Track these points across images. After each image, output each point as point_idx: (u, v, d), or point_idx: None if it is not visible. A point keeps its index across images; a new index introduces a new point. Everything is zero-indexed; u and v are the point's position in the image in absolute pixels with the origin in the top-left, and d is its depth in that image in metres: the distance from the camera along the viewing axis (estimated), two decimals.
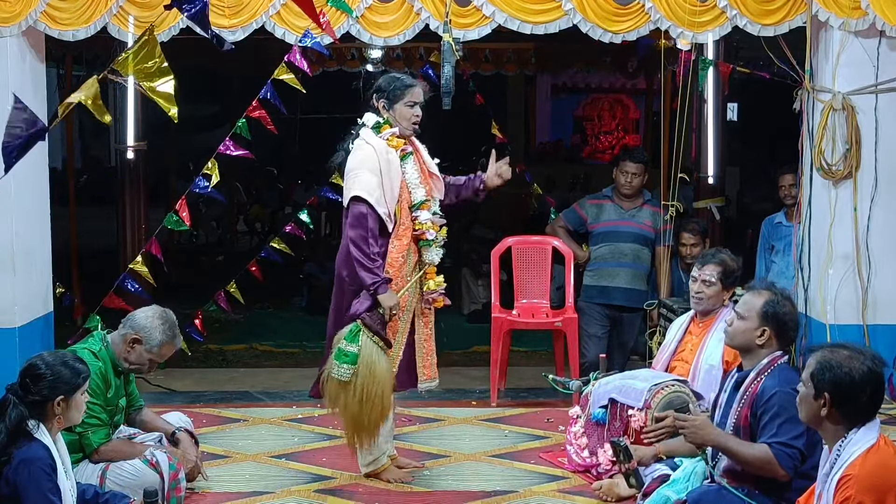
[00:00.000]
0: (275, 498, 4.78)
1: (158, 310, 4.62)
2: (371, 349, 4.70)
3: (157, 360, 4.58)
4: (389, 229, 4.79)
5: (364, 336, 4.71)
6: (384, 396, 4.71)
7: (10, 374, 4.10)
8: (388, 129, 4.90)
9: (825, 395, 3.15)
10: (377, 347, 4.72)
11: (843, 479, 3.06)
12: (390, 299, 4.71)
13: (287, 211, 14.33)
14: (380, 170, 4.75)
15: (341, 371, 4.68)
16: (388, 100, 4.92)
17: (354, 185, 4.76)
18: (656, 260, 6.79)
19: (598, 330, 6.76)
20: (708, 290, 5.07)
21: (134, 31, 6.04)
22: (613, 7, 6.00)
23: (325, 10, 5.97)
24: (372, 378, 4.67)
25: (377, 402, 4.68)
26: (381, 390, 4.69)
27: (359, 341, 4.69)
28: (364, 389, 4.67)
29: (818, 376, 3.16)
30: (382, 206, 4.74)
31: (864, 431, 3.12)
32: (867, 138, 6.05)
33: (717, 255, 5.18)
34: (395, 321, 4.82)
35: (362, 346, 4.69)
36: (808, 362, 3.23)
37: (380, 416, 4.73)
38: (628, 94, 18.02)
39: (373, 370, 4.68)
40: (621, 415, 4.88)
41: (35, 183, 6.33)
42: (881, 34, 5.96)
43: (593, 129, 18.59)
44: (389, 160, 4.81)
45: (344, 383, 4.69)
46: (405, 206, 4.86)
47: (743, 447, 3.85)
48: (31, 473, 3.63)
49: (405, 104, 4.90)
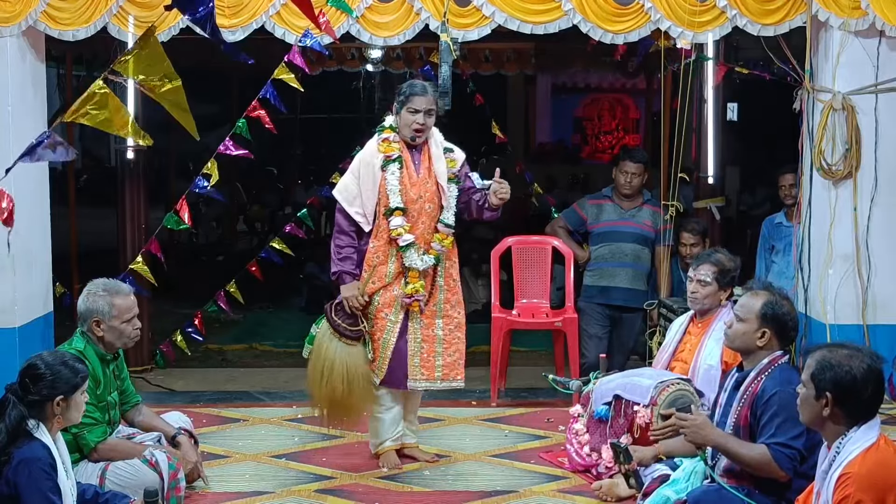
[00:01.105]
0: (275, 498, 4.78)
1: (86, 287, 4.61)
2: (326, 333, 5.05)
3: (129, 318, 4.54)
4: (365, 229, 5.03)
5: (324, 321, 5.08)
6: (352, 381, 4.98)
7: (10, 374, 4.09)
8: (387, 133, 5.07)
9: (827, 394, 3.15)
10: (331, 332, 5.04)
11: (843, 476, 3.06)
12: (348, 290, 5.02)
13: (287, 211, 14.32)
14: (359, 172, 5.03)
15: (305, 350, 5.18)
16: (398, 104, 5.08)
17: (338, 184, 5.15)
18: (656, 260, 6.79)
19: (598, 330, 6.76)
20: (703, 290, 5.08)
21: (134, 31, 6.05)
22: (613, 7, 6.01)
23: (325, 10, 5.97)
24: (322, 359, 5.01)
25: (327, 383, 4.99)
26: (342, 371, 4.97)
27: (320, 324, 5.10)
28: (315, 367, 5.05)
29: (819, 376, 3.16)
30: (354, 206, 5.01)
31: (864, 430, 3.12)
32: (867, 138, 6.05)
33: (713, 255, 5.19)
34: (380, 319, 5.04)
35: (321, 329, 5.08)
36: (806, 363, 3.23)
37: (348, 395, 5.00)
38: (628, 94, 18.01)
39: (323, 352, 5.02)
40: (626, 411, 4.88)
41: (35, 183, 6.33)
42: (881, 34, 5.96)
43: (593, 129, 18.57)
44: (370, 163, 5.03)
45: (309, 361, 5.12)
46: (382, 209, 5.01)
47: (742, 448, 3.85)
48: (31, 473, 3.63)
49: (407, 110, 5.04)
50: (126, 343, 4.60)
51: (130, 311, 4.55)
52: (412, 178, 5.04)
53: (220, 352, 8.50)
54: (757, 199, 13.71)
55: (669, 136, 6.98)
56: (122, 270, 6.97)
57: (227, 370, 7.98)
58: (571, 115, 18.77)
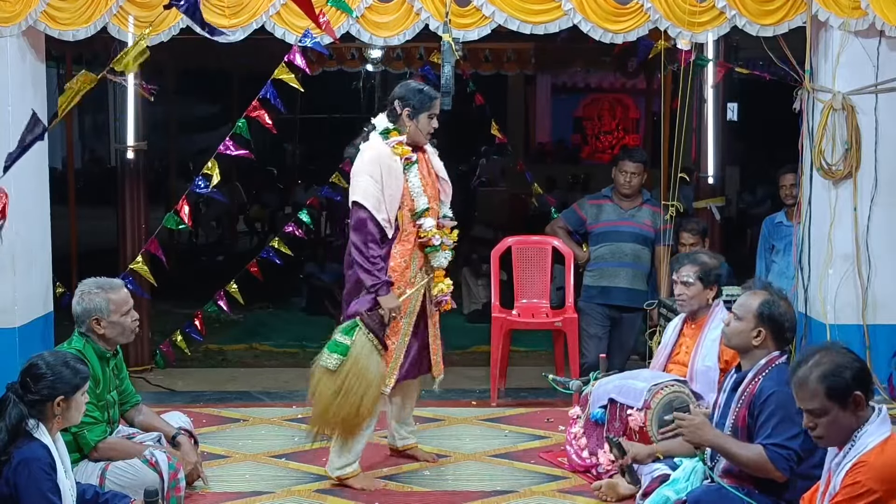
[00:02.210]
0: (275, 498, 4.77)
1: (78, 289, 4.62)
2: (364, 346, 4.78)
3: (127, 311, 4.55)
4: (389, 235, 4.85)
5: (360, 333, 4.79)
6: (365, 396, 4.74)
7: (10, 373, 4.09)
8: (396, 137, 4.95)
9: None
10: (371, 346, 4.79)
11: (858, 464, 3.05)
12: (391, 301, 4.79)
13: (287, 211, 14.32)
14: (381, 176, 4.82)
15: (330, 360, 4.76)
16: (415, 109, 4.96)
17: (356, 189, 4.86)
18: (656, 259, 6.79)
19: (598, 330, 6.76)
20: (688, 291, 5.09)
21: (134, 30, 6.04)
22: (613, 7, 6.01)
23: (325, 10, 5.97)
24: (357, 373, 4.74)
25: (355, 400, 4.73)
26: (363, 388, 4.74)
27: (353, 335, 4.79)
28: (346, 382, 4.73)
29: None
30: (382, 212, 4.81)
31: (878, 424, 3.12)
32: (867, 138, 6.05)
33: (692, 256, 5.23)
34: (396, 322, 4.88)
35: (356, 341, 4.78)
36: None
37: (354, 414, 4.75)
38: (628, 94, 18.02)
39: (361, 366, 4.75)
40: (620, 415, 4.88)
41: (35, 183, 6.33)
42: (881, 34, 5.96)
43: (593, 129, 18.60)
44: (391, 167, 4.87)
45: (330, 372, 4.76)
46: (407, 212, 4.91)
47: (739, 448, 3.86)
48: (30, 473, 3.62)
49: (429, 115, 4.99)
50: (128, 336, 4.61)
51: (127, 303, 4.57)
52: (425, 179, 5.02)
53: (220, 352, 8.50)
54: (757, 199, 13.73)
55: (669, 136, 6.98)
56: (122, 270, 6.97)
57: (227, 370, 7.98)
58: (571, 115, 18.78)
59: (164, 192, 12.77)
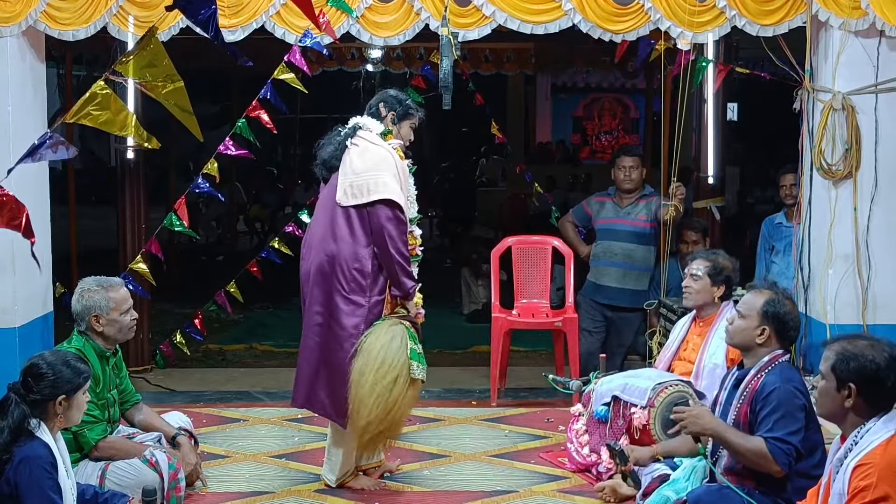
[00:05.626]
0: (275, 498, 4.78)
1: (78, 287, 4.63)
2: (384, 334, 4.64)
3: (126, 309, 4.56)
4: None
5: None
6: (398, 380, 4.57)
7: (10, 373, 4.10)
8: (394, 140, 4.91)
9: (850, 385, 3.13)
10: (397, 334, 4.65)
11: (863, 466, 3.04)
12: (416, 306, 4.81)
13: (287, 211, 14.34)
14: (398, 176, 4.72)
15: (422, 371, 4.62)
16: (398, 116, 4.92)
17: (379, 187, 4.64)
18: (658, 251, 6.74)
19: (589, 325, 6.79)
20: (695, 285, 5.09)
21: (134, 30, 6.05)
22: (613, 7, 6.01)
23: (325, 10, 5.97)
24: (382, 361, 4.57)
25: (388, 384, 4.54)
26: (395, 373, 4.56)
27: (416, 342, 4.67)
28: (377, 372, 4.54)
29: (840, 367, 3.15)
30: (405, 213, 4.70)
31: (883, 422, 3.11)
32: (867, 138, 6.05)
33: (708, 252, 5.26)
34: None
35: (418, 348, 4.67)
36: (824, 356, 3.21)
37: (394, 403, 4.55)
38: (628, 94, 18.04)
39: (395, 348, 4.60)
40: (624, 412, 4.89)
41: (35, 183, 6.33)
42: (881, 34, 5.96)
43: (593, 129, 18.62)
44: (404, 169, 4.83)
45: (415, 380, 4.60)
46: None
47: (740, 438, 3.87)
48: (32, 472, 3.63)
49: (410, 125, 4.97)
50: (126, 335, 4.62)
51: (126, 301, 4.59)
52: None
53: (220, 352, 8.50)
54: (757, 199, 13.74)
55: (669, 136, 6.98)
56: (122, 270, 6.97)
57: (227, 370, 7.98)
58: (571, 115, 18.81)
59: (164, 192, 12.78)
